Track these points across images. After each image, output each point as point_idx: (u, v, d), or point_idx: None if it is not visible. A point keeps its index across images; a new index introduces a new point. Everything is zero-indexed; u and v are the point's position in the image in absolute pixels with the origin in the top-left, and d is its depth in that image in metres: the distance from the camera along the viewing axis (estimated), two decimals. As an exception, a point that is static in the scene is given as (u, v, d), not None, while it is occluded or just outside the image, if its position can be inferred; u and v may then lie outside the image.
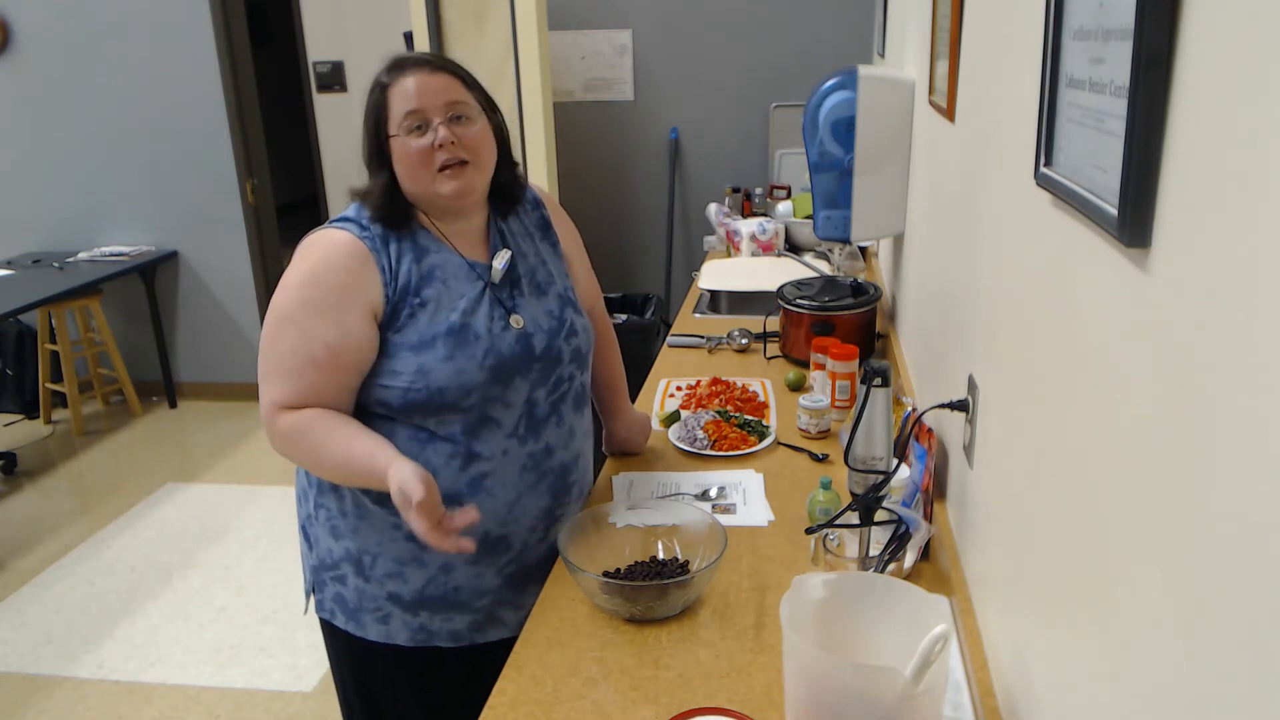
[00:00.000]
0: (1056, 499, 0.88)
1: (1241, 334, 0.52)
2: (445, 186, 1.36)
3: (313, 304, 1.32)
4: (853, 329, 2.21)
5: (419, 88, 1.34)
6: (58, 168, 4.58)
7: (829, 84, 2.31)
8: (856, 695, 0.92)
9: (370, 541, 1.43)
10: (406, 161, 1.35)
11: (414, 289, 1.36)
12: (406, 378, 1.35)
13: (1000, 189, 1.16)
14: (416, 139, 1.34)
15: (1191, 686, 0.58)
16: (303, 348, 1.32)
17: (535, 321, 1.45)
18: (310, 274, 1.34)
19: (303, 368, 1.32)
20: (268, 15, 7.84)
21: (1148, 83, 0.63)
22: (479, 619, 1.48)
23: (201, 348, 4.79)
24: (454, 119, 1.36)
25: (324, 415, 1.34)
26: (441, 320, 1.36)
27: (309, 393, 1.34)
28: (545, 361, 1.44)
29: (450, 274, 1.40)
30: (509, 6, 3.41)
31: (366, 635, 1.48)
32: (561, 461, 1.49)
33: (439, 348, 1.35)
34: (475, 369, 1.36)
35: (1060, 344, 0.88)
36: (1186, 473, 0.59)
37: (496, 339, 1.39)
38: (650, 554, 1.44)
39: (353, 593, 1.47)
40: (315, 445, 1.33)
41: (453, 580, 1.45)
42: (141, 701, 2.60)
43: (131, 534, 3.52)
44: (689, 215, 4.54)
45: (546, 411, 1.46)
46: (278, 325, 1.34)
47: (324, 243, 1.36)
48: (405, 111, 1.33)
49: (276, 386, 1.34)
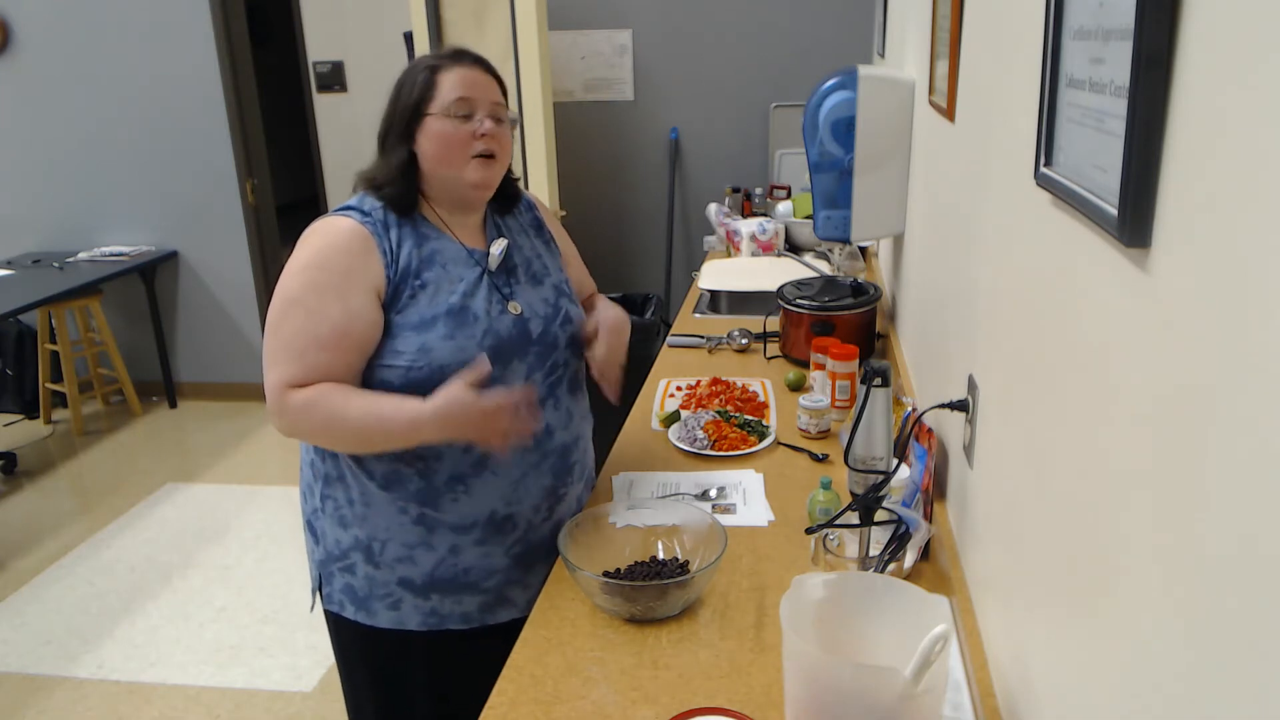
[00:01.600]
0: (1056, 499, 0.88)
1: (1241, 334, 0.52)
2: (474, 174, 1.42)
3: (318, 285, 1.35)
4: (853, 329, 2.21)
5: (475, 80, 1.42)
6: (58, 168, 4.58)
7: (829, 84, 2.31)
8: (856, 695, 0.92)
9: (379, 528, 1.46)
10: (443, 141, 1.40)
11: (414, 271, 1.40)
12: (408, 357, 1.37)
13: (1000, 189, 1.16)
14: (462, 123, 1.40)
15: (1192, 686, 0.58)
16: (310, 328, 1.34)
17: (531, 308, 1.49)
18: (315, 257, 1.37)
19: (309, 346, 1.34)
20: (268, 15, 7.83)
21: (1148, 83, 0.63)
22: (489, 599, 1.51)
23: (201, 348, 4.79)
24: (495, 118, 1.43)
25: (337, 385, 1.36)
26: (441, 301, 1.40)
27: (316, 372, 1.35)
28: (542, 346, 1.48)
29: (449, 259, 1.44)
30: (509, 6, 3.41)
31: (377, 623, 1.49)
32: (562, 442, 1.52)
33: (440, 327, 1.38)
34: (475, 348, 1.39)
35: (1060, 344, 0.88)
36: (1186, 472, 0.59)
37: (495, 321, 1.43)
38: (650, 554, 1.44)
39: (362, 581, 1.49)
40: (334, 411, 1.34)
41: (462, 561, 1.47)
42: (141, 701, 2.60)
43: (131, 534, 3.52)
44: (689, 215, 4.54)
45: (543, 394, 1.49)
46: (284, 307, 1.37)
47: (327, 228, 1.39)
48: (457, 97, 1.40)
49: (284, 367, 1.36)
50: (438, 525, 1.45)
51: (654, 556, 1.43)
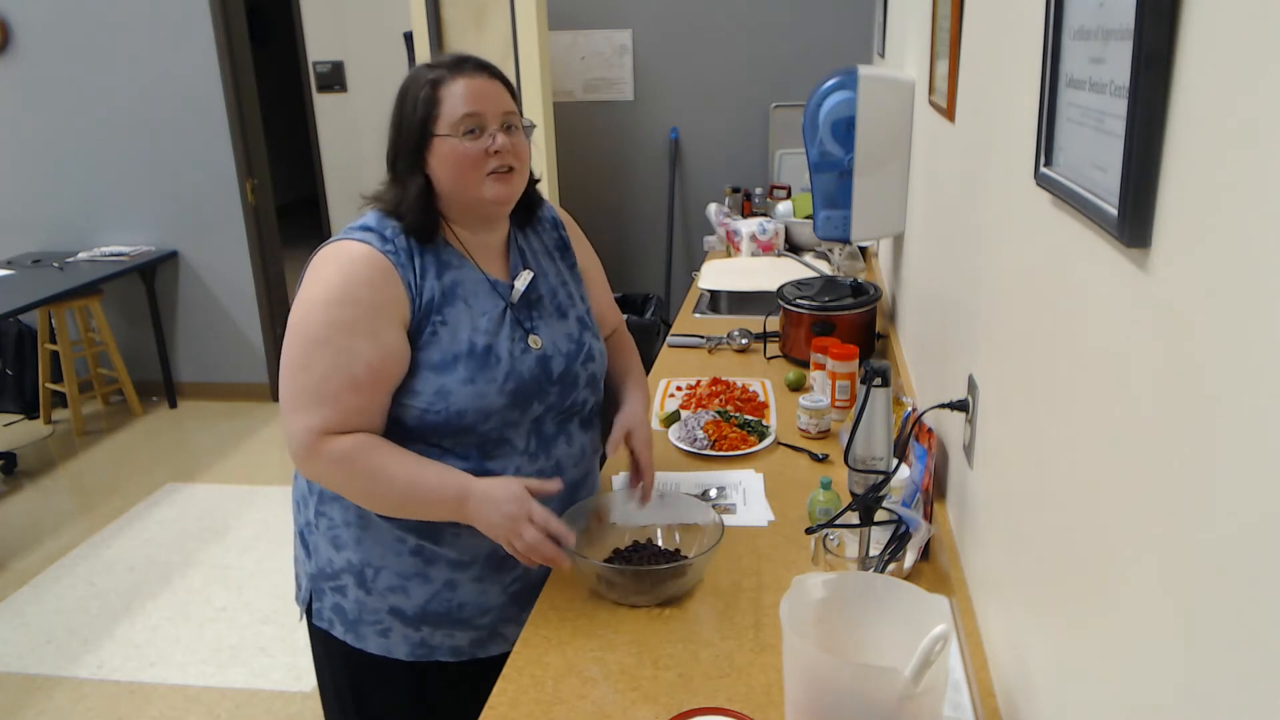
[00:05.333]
0: (1056, 498, 0.88)
1: (1241, 333, 0.52)
2: (492, 191, 1.33)
3: (345, 323, 1.27)
4: (853, 329, 2.21)
5: (480, 91, 1.32)
6: (58, 168, 4.58)
7: (829, 84, 2.31)
8: (856, 695, 0.92)
9: (373, 554, 1.40)
10: (455, 163, 1.31)
11: (436, 306, 1.33)
12: (426, 399, 1.31)
13: (1000, 189, 1.16)
14: (472, 141, 1.31)
15: (1191, 686, 0.58)
16: (343, 369, 1.26)
17: (554, 344, 1.42)
18: (338, 291, 1.28)
19: (343, 390, 1.26)
20: (268, 15, 7.83)
21: (1148, 83, 0.63)
22: (481, 635, 1.46)
23: (201, 348, 4.79)
24: (507, 128, 1.34)
25: (377, 440, 1.30)
26: (463, 339, 1.33)
27: (352, 416, 1.28)
28: (562, 386, 1.42)
29: (471, 291, 1.37)
30: (509, 6, 3.41)
31: (365, 647, 1.45)
32: (571, 479, 1.47)
33: (460, 370, 1.32)
34: (495, 393, 1.33)
35: (1060, 344, 0.88)
36: (1186, 472, 0.59)
37: (517, 361, 1.36)
38: (648, 538, 1.47)
39: (353, 604, 1.44)
40: (375, 471, 1.28)
41: (457, 597, 1.42)
42: (141, 701, 2.60)
43: (131, 534, 3.52)
44: (689, 215, 4.54)
45: (554, 430, 1.44)
46: (309, 348, 1.28)
47: (344, 257, 1.30)
48: (464, 113, 1.30)
49: (314, 413, 1.27)
50: (436, 559, 1.40)
51: (650, 540, 1.46)
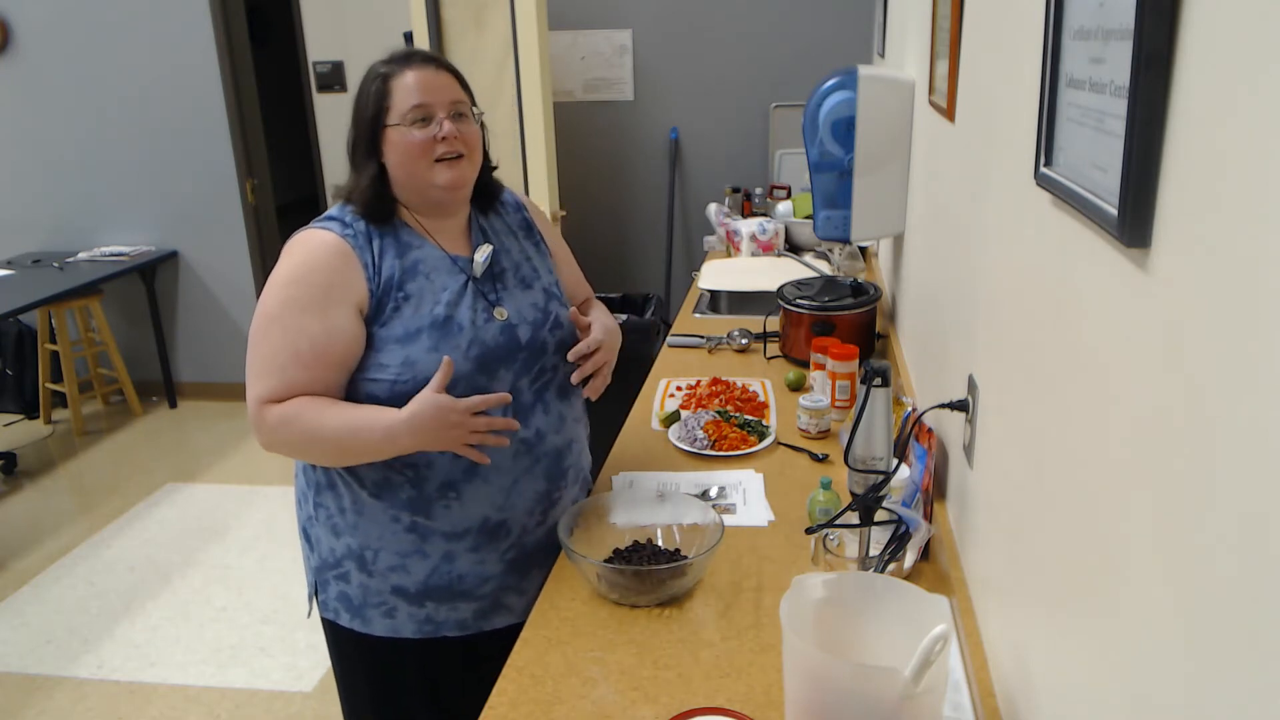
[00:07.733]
0: (1056, 498, 0.88)
1: (1241, 333, 0.52)
2: (441, 176, 1.40)
3: (297, 302, 1.35)
4: (853, 329, 2.21)
5: (428, 83, 1.39)
6: (58, 168, 4.57)
7: (829, 84, 2.31)
8: (856, 695, 0.92)
9: (371, 536, 1.45)
10: (405, 151, 1.38)
11: (397, 283, 1.39)
12: (393, 370, 1.37)
13: (1000, 189, 1.16)
14: (420, 130, 1.38)
15: (1192, 685, 0.58)
16: (288, 345, 1.34)
17: (520, 313, 1.47)
18: (294, 272, 1.37)
19: (287, 364, 1.35)
20: (268, 15, 7.83)
21: (1148, 83, 0.63)
22: (484, 606, 1.50)
23: (201, 348, 4.79)
24: (456, 116, 1.40)
25: (313, 399, 1.36)
26: (425, 313, 1.39)
27: (294, 388, 1.36)
28: (530, 352, 1.47)
29: (432, 268, 1.43)
30: (509, 6, 3.41)
31: (372, 631, 1.49)
32: (554, 446, 1.50)
33: (424, 339, 1.38)
34: (460, 359, 1.38)
35: (1060, 344, 0.88)
36: (1186, 472, 0.59)
37: (480, 330, 1.42)
38: (648, 538, 1.47)
39: (357, 589, 1.48)
40: (311, 425, 1.34)
41: (456, 569, 1.46)
42: (141, 701, 2.60)
43: (131, 534, 3.52)
44: (689, 215, 4.53)
45: (531, 399, 1.47)
46: (264, 324, 1.37)
47: (308, 242, 1.39)
48: (412, 104, 1.37)
49: (262, 383, 1.36)
50: (430, 533, 1.44)
51: (650, 540, 1.46)
